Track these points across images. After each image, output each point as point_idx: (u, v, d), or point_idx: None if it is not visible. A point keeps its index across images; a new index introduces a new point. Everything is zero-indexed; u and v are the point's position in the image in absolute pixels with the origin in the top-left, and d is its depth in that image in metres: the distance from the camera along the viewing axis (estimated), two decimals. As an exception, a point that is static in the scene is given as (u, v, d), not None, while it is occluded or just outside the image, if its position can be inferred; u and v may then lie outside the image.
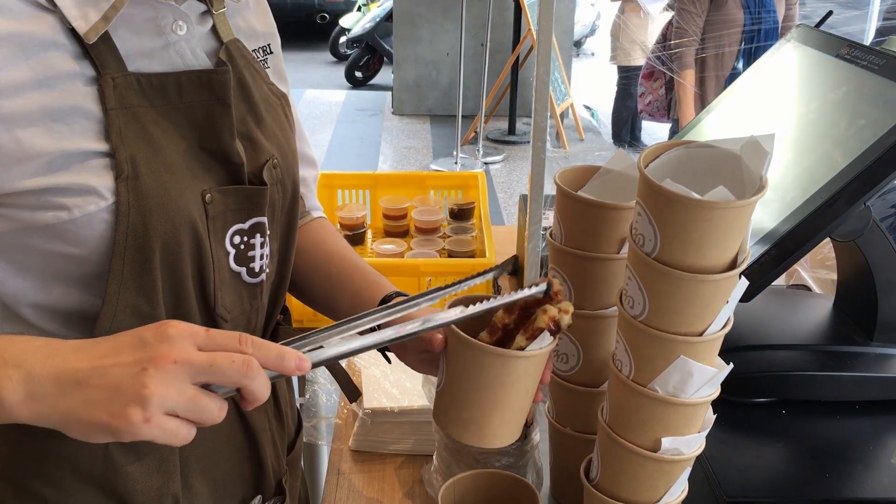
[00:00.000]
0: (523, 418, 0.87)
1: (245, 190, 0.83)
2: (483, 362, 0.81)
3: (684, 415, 0.78)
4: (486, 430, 0.84)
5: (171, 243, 0.77)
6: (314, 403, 1.27)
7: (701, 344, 0.75)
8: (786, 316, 1.17)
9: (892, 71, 0.95)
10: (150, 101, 0.77)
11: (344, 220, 1.94)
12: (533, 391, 0.86)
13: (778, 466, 0.91)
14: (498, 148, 6.42)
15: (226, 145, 0.81)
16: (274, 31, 0.97)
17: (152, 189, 0.75)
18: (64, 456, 0.82)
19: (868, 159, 0.88)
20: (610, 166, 0.91)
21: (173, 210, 0.76)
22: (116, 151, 0.73)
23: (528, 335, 0.81)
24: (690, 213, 0.69)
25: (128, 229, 0.74)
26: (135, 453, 0.83)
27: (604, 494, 0.84)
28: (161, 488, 0.85)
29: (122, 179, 0.73)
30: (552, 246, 0.92)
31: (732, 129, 1.19)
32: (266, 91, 0.89)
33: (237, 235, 0.84)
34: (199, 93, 0.79)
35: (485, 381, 0.81)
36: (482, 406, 0.83)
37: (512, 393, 0.83)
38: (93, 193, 0.73)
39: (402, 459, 1.15)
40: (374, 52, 8.52)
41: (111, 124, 0.74)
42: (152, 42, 0.78)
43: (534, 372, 0.83)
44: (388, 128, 7.10)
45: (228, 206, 0.82)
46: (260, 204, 0.85)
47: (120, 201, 0.74)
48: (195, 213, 0.78)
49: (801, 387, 1.01)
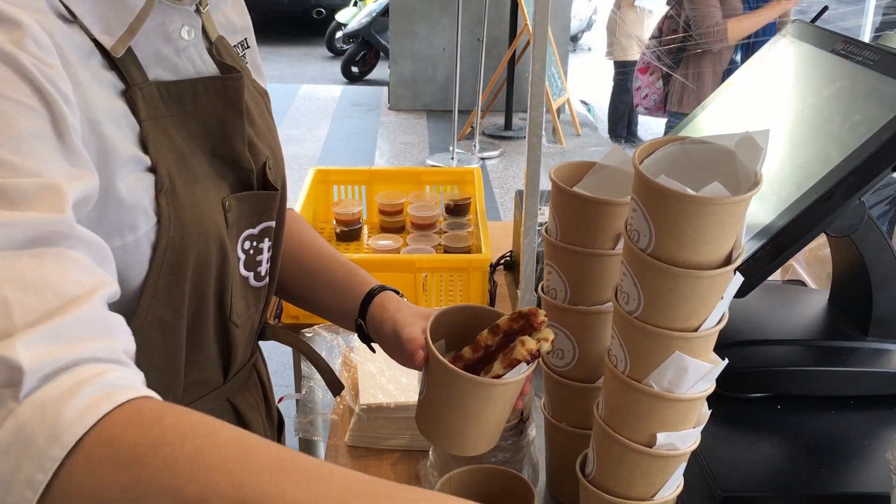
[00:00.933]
0: (501, 428, 0.89)
1: (257, 196, 0.83)
2: (460, 386, 0.83)
3: (679, 410, 0.78)
4: (463, 441, 0.87)
5: (204, 255, 0.75)
6: (310, 399, 1.27)
7: (696, 339, 0.75)
8: (781, 311, 1.17)
9: (886, 66, 0.95)
10: (170, 111, 0.75)
11: (340, 216, 1.94)
12: (511, 407, 0.87)
13: (773, 461, 0.92)
14: (494, 143, 6.42)
15: (238, 152, 0.80)
16: (249, 25, 0.94)
17: (186, 201, 0.73)
18: None
19: (863, 155, 0.89)
20: (605, 162, 0.91)
21: (205, 220, 0.75)
22: (157, 164, 0.71)
23: (506, 364, 0.82)
24: (685, 208, 0.69)
25: (167, 245, 0.72)
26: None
27: (599, 490, 0.85)
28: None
29: (162, 194, 0.71)
30: (547, 242, 0.92)
31: (728, 125, 1.19)
32: (252, 90, 0.88)
33: (248, 241, 0.83)
34: (212, 99, 0.78)
35: (461, 401, 0.83)
36: (460, 422, 0.85)
37: (488, 412, 0.85)
38: (144, 213, 0.70)
39: (398, 455, 1.15)
40: (371, 47, 8.50)
41: (146, 136, 0.71)
42: (164, 49, 0.76)
43: (511, 394, 0.85)
44: (385, 123, 7.09)
45: (243, 212, 0.81)
46: (270, 208, 0.85)
47: (161, 217, 0.71)
48: (220, 222, 0.77)
49: (797, 382, 1.01)
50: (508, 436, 1.00)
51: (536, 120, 1.30)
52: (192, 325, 0.79)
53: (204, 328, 0.80)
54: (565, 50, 7.20)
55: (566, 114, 6.73)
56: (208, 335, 0.81)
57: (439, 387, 0.85)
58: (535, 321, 0.83)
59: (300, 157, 5.90)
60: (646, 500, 0.83)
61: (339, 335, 1.34)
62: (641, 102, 4.38)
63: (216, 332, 0.82)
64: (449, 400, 0.84)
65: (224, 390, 0.89)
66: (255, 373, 0.96)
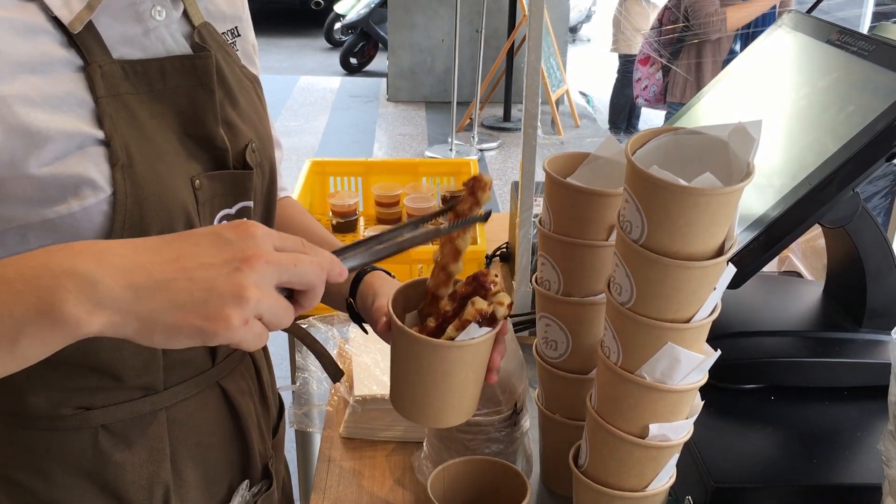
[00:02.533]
0: (472, 402, 0.86)
1: (231, 175, 0.83)
2: (415, 349, 0.82)
3: (672, 401, 0.78)
4: (428, 410, 0.85)
5: (167, 232, 0.75)
6: (305, 391, 1.27)
7: (688, 331, 0.75)
8: (776, 302, 1.17)
9: (881, 57, 0.95)
10: (135, 89, 0.76)
11: (336, 208, 1.94)
12: (477, 378, 0.85)
13: (766, 452, 0.92)
14: (493, 135, 6.41)
15: (210, 131, 0.81)
16: (240, 14, 0.94)
17: (147, 177, 0.74)
18: (53, 448, 0.82)
19: (857, 145, 0.88)
20: (599, 153, 0.90)
21: (168, 197, 0.76)
22: (111, 139, 0.73)
23: (457, 326, 0.81)
24: (677, 199, 0.68)
25: (125, 219, 0.73)
26: (125, 443, 0.83)
27: (592, 480, 0.85)
28: (152, 477, 0.85)
29: (118, 168, 0.73)
30: (541, 233, 0.92)
31: (725, 115, 1.19)
32: (239, 74, 0.88)
33: (225, 220, 0.83)
34: (182, 79, 0.79)
35: (420, 367, 0.82)
36: (422, 389, 0.84)
37: (450, 380, 0.83)
38: (91, 185, 0.72)
39: (392, 446, 1.15)
40: (369, 38, 8.48)
41: (103, 112, 0.73)
42: (133, 28, 0.77)
43: (471, 360, 0.83)
44: (384, 115, 7.08)
45: (216, 191, 0.82)
46: (246, 188, 0.85)
47: (117, 191, 0.73)
48: (187, 200, 0.78)
49: (790, 373, 1.01)
50: (502, 427, 1.00)
51: (532, 111, 1.30)
52: None
53: None
54: (564, 41, 7.19)
55: (565, 105, 6.72)
56: None
57: (399, 353, 0.84)
58: (485, 281, 0.83)
59: (298, 149, 5.89)
60: (638, 490, 0.83)
61: (333, 327, 1.34)
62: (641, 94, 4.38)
63: None
64: (409, 367, 0.83)
65: (213, 373, 0.89)
66: (248, 358, 0.97)
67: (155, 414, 0.85)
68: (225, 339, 0.58)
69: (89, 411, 0.81)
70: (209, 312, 0.57)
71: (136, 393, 0.83)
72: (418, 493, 1.05)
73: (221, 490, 0.93)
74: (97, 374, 0.80)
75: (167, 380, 0.84)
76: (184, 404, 0.87)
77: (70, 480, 0.83)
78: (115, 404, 0.82)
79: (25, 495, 0.83)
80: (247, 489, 0.95)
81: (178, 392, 0.86)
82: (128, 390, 0.82)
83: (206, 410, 0.89)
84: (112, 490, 0.84)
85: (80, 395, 0.81)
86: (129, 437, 0.83)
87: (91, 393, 0.81)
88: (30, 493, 0.83)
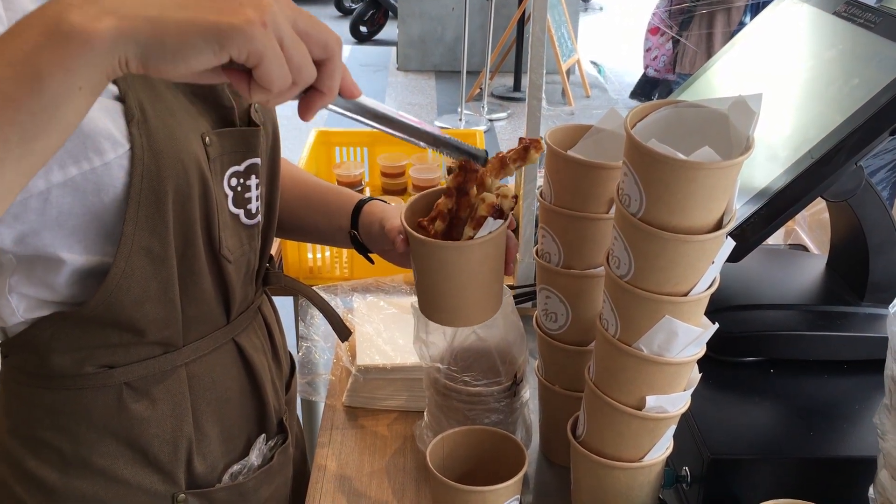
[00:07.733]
0: (497, 296, 0.91)
1: (239, 132, 0.85)
2: (440, 255, 0.85)
3: (669, 373, 0.79)
4: (460, 312, 0.90)
5: (183, 185, 0.78)
6: (308, 360, 1.28)
7: (686, 304, 0.75)
8: (778, 276, 1.17)
9: (887, 29, 0.93)
10: None
11: (341, 178, 1.94)
12: (499, 270, 0.90)
13: (763, 425, 0.92)
14: (503, 105, 6.37)
15: (217, 89, 0.83)
16: None
17: (161, 132, 0.76)
18: (78, 408, 0.84)
19: (861, 118, 0.88)
20: (601, 125, 0.90)
21: (182, 152, 0.77)
22: (126, 96, 0.74)
23: (474, 225, 0.85)
24: (675, 173, 0.68)
25: (143, 174, 0.75)
26: (148, 399, 0.85)
27: (589, 451, 0.86)
28: (175, 431, 0.87)
29: (133, 123, 0.74)
30: (542, 205, 0.92)
31: (730, 87, 1.18)
32: None
33: (234, 178, 0.85)
34: None
35: (447, 272, 0.86)
36: (451, 293, 0.88)
37: (476, 277, 0.87)
38: (111, 139, 0.73)
39: (394, 415, 1.16)
40: (379, 6, 8.41)
41: None
42: None
43: (493, 253, 0.87)
44: (393, 84, 7.04)
45: (225, 148, 0.83)
46: (254, 145, 0.87)
47: (134, 145, 0.74)
48: (200, 156, 0.79)
49: (790, 346, 1.01)
50: (502, 397, 1.01)
51: (536, 82, 1.29)
52: (183, 258, 0.81)
53: (196, 262, 0.82)
54: (576, 10, 7.11)
55: (576, 75, 6.66)
56: (201, 269, 0.83)
57: (424, 265, 0.88)
58: (471, 167, 0.86)
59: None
60: (635, 461, 0.84)
61: (336, 297, 1.34)
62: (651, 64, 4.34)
63: (210, 266, 0.85)
64: (436, 275, 0.87)
65: (228, 330, 0.91)
66: (260, 316, 0.98)
67: (175, 370, 0.87)
68: (242, 41, 0.55)
69: (112, 369, 0.83)
70: (224, 6, 0.55)
71: (156, 349, 0.85)
72: (419, 461, 1.07)
73: (240, 444, 0.95)
74: (119, 330, 0.81)
75: (186, 336, 0.86)
76: (202, 360, 0.89)
77: (95, 437, 0.84)
78: (136, 361, 0.84)
79: (52, 454, 0.84)
80: (264, 442, 0.97)
81: (197, 348, 0.88)
82: (149, 346, 0.84)
83: (224, 366, 0.91)
84: (138, 446, 0.86)
85: (103, 353, 0.82)
86: (151, 394, 0.85)
87: (113, 350, 0.83)
88: (57, 453, 0.84)
